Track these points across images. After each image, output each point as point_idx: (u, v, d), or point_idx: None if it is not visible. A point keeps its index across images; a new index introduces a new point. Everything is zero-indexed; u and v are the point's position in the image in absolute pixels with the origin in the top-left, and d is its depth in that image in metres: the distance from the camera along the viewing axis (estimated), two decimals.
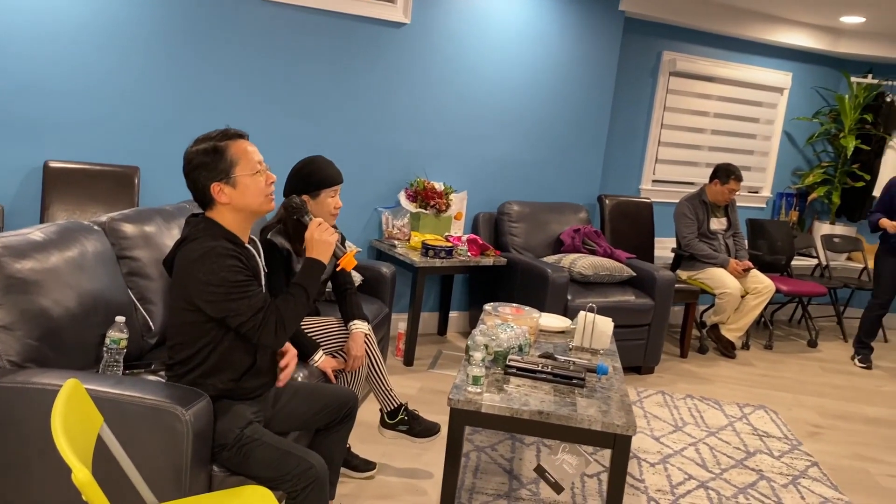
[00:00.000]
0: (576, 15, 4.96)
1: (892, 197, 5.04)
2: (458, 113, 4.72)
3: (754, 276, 5.10)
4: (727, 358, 5.12)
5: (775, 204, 6.41)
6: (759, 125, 6.23)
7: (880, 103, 6.13)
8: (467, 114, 4.75)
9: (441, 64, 4.59)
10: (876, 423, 4.16)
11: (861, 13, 5.22)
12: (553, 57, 4.96)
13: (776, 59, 6.08)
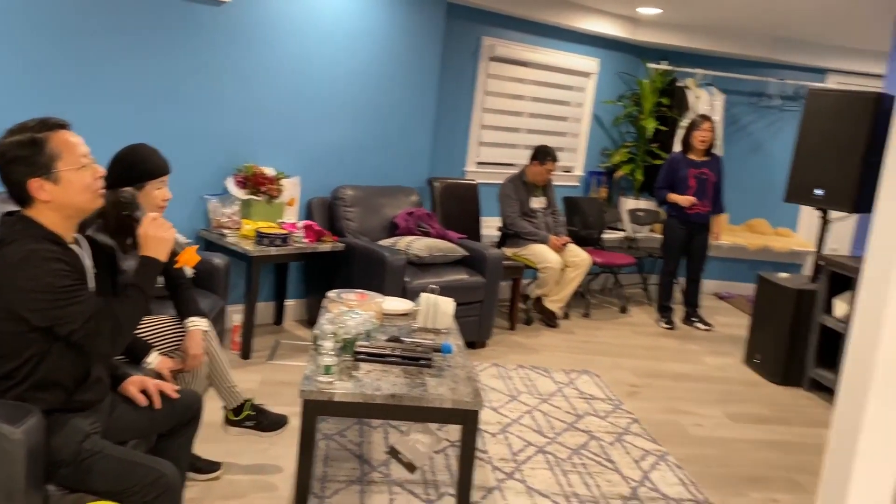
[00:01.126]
0: (399, 1, 5.00)
1: (673, 172, 5.61)
2: (286, 96, 4.60)
3: (572, 250, 5.46)
4: (551, 328, 5.46)
5: (587, 182, 6.88)
6: (571, 108, 6.64)
7: (674, 88, 6.76)
8: (296, 97, 4.64)
9: (266, 45, 4.44)
10: (683, 379, 4.64)
11: (657, 5, 5.71)
12: (379, 42, 4.96)
13: (585, 45, 6.50)
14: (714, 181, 5.60)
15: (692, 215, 5.59)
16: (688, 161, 5.62)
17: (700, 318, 5.90)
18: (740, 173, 7.13)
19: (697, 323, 5.87)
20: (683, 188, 5.58)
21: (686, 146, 5.69)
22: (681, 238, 5.66)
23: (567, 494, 2.95)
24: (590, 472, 3.17)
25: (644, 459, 3.35)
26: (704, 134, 5.55)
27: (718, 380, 4.69)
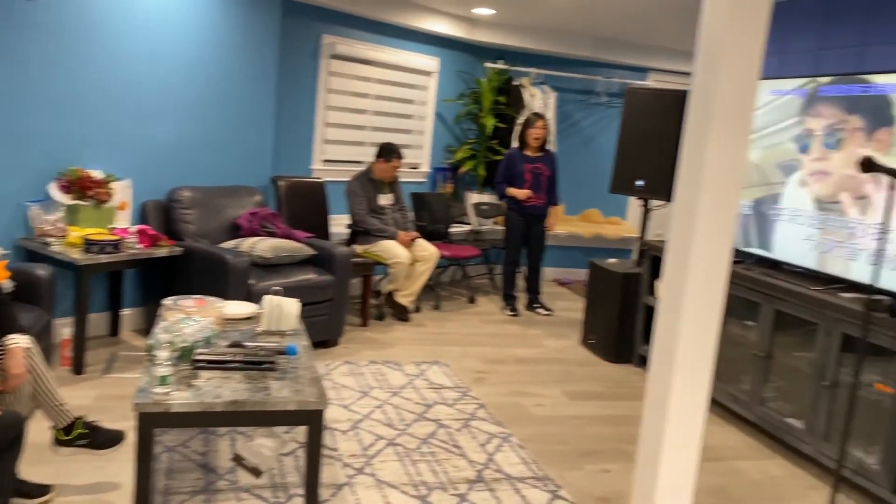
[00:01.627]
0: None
1: (510, 167, 5.90)
2: (111, 94, 4.37)
3: (420, 245, 5.58)
4: (403, 322, 5.56)
5: (433, 178, 7.04)
6: (415, 106, 6.76)
7: (509, 86, 7.05)
8: (122, 95, 4.42)
9: (86, 39, 4.19)
10: (525, 363, 4.88)
11: (490, 6, 5.94)
12: (210, 37, 4.82)
13: (425, 45, 6.63)
14: (548, 175, 5.92)
15: (529, 207, 5.88)
16: (523, 157, 5.90)
17: (542, 304, 6.21)
18: (574, 167, 7.56)
19: (539, 309, 6.18)
20: (520, 182, 5.86)
21: (522, 143, 5.97)
22: (520, 229, 5.94)
23: (416, 483, 3.04)
24: (438, 459, 3.28)
25: (489, 442, 3.51)
26: (537, 131, 5.85)
27: (558, 361, 4.97)
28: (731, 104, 2.14)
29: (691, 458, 2.37)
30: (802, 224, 3.93)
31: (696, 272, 2.24)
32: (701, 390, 2.34)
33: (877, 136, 3.52)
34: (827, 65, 4.19)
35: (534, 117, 5.93)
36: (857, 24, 3.99)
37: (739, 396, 4.04)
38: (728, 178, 2.20)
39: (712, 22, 2.19)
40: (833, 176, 3.76)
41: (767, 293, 3.85)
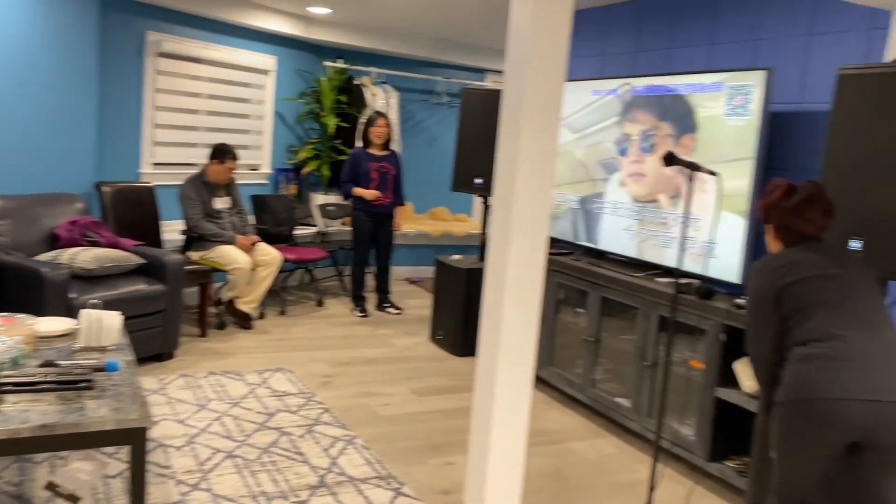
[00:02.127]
0: None
1: (356, 166, 5.88)
2: None
3: (262, 249, 5.43)
4: (245, 330, 5.39)
5: (275, 179, 6.88)
6: (252, 105, 6.57)
7: (351, 86, 7.02)
8: None
9: None
10: (374, 363, 4.87)
11: (326, 5, 5.87)
12: (22, 37, 4.44)
13: (261, 42, 6.46)
14: (394, 174, 5.95)
15: (376, 207, 5.88)
16: (368, 155, 5.90)
17: (391, 303, 6.24)
18: (419, 166, 7.65)
19: (389, 308, 6.20)
20: (366, 181, 5.85)
21: (366, 141, 5.96)
22: (367, 229, 5.93)
23: (255, 494, 2.96)
24: (279, 468, 3.21)
25: (333, 446, 3.48)
26: (380, 130, 5.87)
27: (407, 359, 5.01)
28: (538, 104, 2.24)
29: (519, 442, 2.46)
30: (623, 216, 4.19)
31: (515, 262, 2.33)
32: (525, 376, 2.43)
33: (683, 142, 3.83)
34: (641, 66, 4.49)
35: (376, 115, 5.94)
36: (665, 28, 4.31)
37: (574, 380, 4.25)
38: (540, 173, 2.30)
39: (518, 27, 2.29)
40: (648, 177, 4.04)
41: (594, 282, 4.07)
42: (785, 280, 2.24)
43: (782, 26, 3.61)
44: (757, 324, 2.29)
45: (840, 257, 2.30)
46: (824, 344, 2.12)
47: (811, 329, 2.16)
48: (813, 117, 3.44)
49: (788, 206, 2.34)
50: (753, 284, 2.32)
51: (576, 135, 4.58)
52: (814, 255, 2.28)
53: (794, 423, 2.11)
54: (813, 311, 2.17)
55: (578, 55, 5.01)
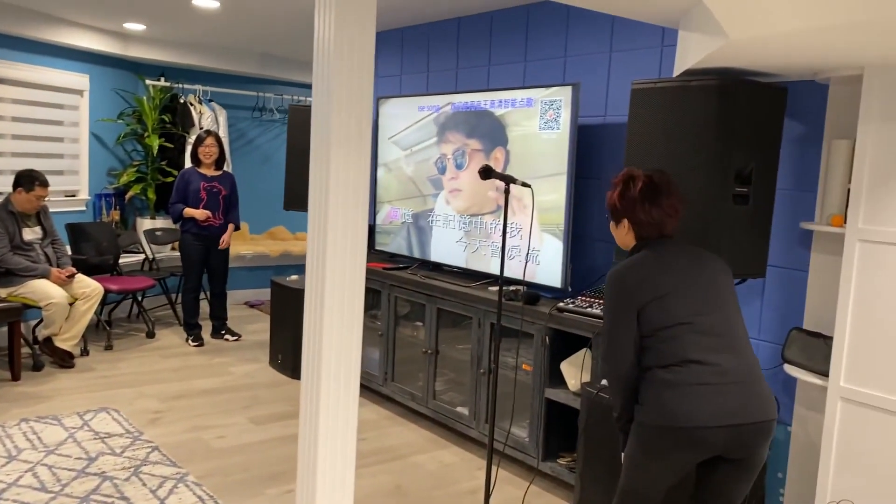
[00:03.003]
0: None
1: (185, 186, 5.62)
2: None
3: (80, 281, 5.06)
4: (66, 369, 4.98)
5: (95, 205, 6.43)
6: (65, 128, 6.11)
7: (175, 104, 6.71)
8: None
9: None
10: (208, 395, 4.66)
11: (140, 21, 5.58)
12: None
13: (72, 61, 6.03)
14: (225, 194, 5.73)
15: (207, 229, 5.64)
16: (199, 175, 5.66)
17: (228, 330, 6.00)
18: (254, 185, 7.44)
19: (226, 335, 5.96)
20: (196, 201, 5.60)
21: (195, 161, 5.71)
22: (198, 253, 5.68)
23: None
24: None
25: (162, 486, 3.27)
26: (208, 149, 5.64)
27: (245, 387, 4.83)
28: (345, 120, 2.24)
29: (348, 463, 2.43)
30: (454, 229, 4.28)
31: (333, 279, 2.31)
32: (350, 393, 2.40)
33: (494, 156, 3.97)
34: (462, 83, 4.62)
35: (204, 134, 5.71)
36: (483, 46, 4.46)
37: (416, 394, 4.28)
38: (353, 189, 2.29)
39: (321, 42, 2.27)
40: (466, 192, 4.16)
41: (430, 294, 4.12)
42: (646, 297, 2.14)
43: (586, 44, 3.84)
44: (614, 340, 2.19)
45: (699, 258, 2.24)
46: (685, 369, 2.08)
47: (673, 352, 2.11)
48: (616, 129, 3.68)
49: (633, 195, 2.26)
50: (612, 299, 2.20)
51: (405, 151, 4.64)
52: (673, 260, 2.20)
53: (656, 445, 2.12)
54: (673, 331, 2.11)
55: (407, 71, 5.09)
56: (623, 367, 2.18)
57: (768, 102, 2.76)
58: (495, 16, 4.37)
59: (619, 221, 2.33)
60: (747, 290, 3.25)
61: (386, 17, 4.84)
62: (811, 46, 2.23)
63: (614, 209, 2.33)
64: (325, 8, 2.24)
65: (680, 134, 2.75)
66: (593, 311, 3.27)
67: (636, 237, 2.30)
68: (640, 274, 2.17)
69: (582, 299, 3.42)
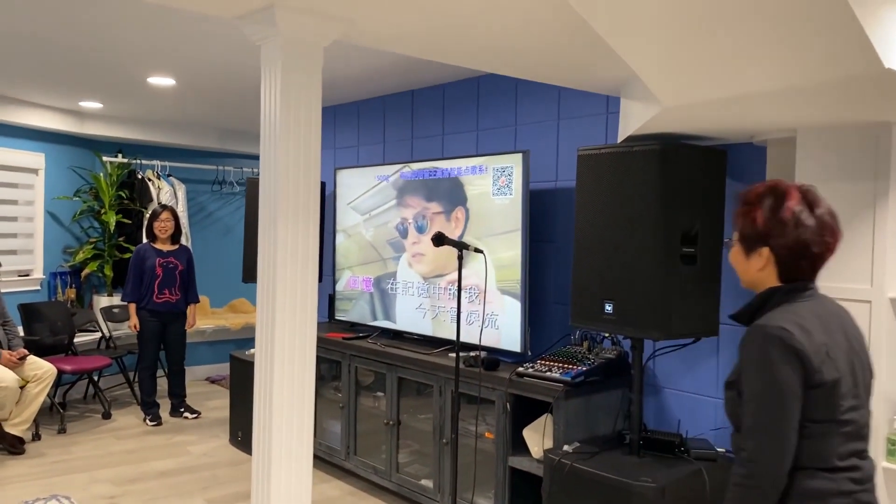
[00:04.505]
0: None
1: (140, 262, 5.54)
2: None
3: (32, 363, 4.92)
4: (16, 455, 4.78)
5: (51, 284, 6.31)
6: (20, 207, 6.04)
7: (133, 180, 6.69)
8: None
9: None
10: (167, 476, 4.50)
11: (96, 99, 5.61)
12: None
13: (27, 140, 6.01)
14: (182, 269, 5.68)
15: (162, 305, 5.56)
16: (155, 251, 5.60)
17: (187, 407, 5.84)
18: (215, 258, 7.39)
19: (185, 413, 5.81)
20: (152, 278, 5.53)
21: (151, 236, 5.67)
22: (154, 330, 5.58)
23: None
24: None
25: None
26: (163, 223, 5.61)
27: (204, 467, 4.68)
28: (293, 195, 2.25)
29: None
30: (413, 295, 4.28)
31: (283, 347, 2.28)
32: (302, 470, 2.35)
33: (455, 216, 4.02)
34: (417, 152, 4.70)
35: (160, 209, 5.69)
36: (435, 117, 4.56)
37: (379, 467, 4.18)
38: (301, 259, 2.29)
39: (267, 122, 2.31)
40: (428, 256, 4.19)
41: (390, 363, 4.08)
42: (822, 376, 1.56)
43: (535, 113, 3.95)
44: (773, 428, 1.56)
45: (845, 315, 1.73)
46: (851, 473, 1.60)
47: (837, 449, 1.58)
48: (568, 193, 3.75)
49: (788, 216, 1.64)
50: (768, 371, 1.57)
51: (364, 216, 4.66)
52: (835, 321, 1.66)
53: None
54: (841, 423, 1.59)
55: (364, 142, 5.16)
56: (781, 467, 1.56)
57: (709, 164, 2.85)
58: (447, 88, 4.48)
59: (755, 250, 1.69)
60: (702, 348, 3.28)
61: (342, 92, 4.93)
62: (741, 112, 2.32)
63: (753, 232, 1.68)
64: (271, 87, 2.28)
65: (626, 197, 2.81)
66: (553, 374, 3.26)
67: (779, 275, 1.68)
68: (815, 340, 1.58)
69: (542, 363, 3.41)
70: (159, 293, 5.55)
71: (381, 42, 2.54)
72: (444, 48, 2.64)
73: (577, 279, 3.01)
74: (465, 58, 2.80)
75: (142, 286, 5.53)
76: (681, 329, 2.79)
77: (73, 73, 4.62)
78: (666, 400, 3.44)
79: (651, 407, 3.48)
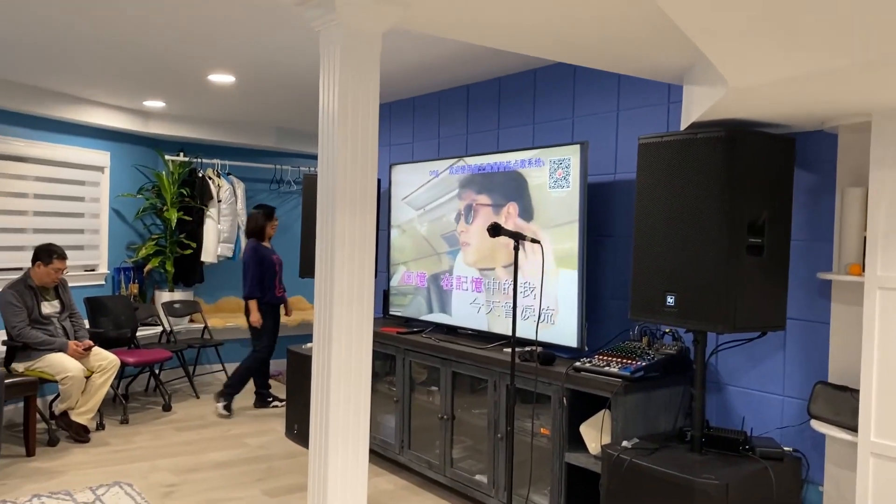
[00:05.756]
0: None
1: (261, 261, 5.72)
2: None
3: (97, 354, 5.06)
4: (81, 443, 4.93)
5: (114, 279, 6.49)
6: (86, 203, 6.23)
7: (194, 178, 6.84)
8: None
9: None
10: (224, 467, 4.57)
11: (160, 98, 5.75)
12: None
13: (93, 139, 6.20)
14: (281, 264, 5.94)
15: (279, 298, 5.87)
16: (267, 249, 5.86)
17: (274, 396, 6.10)
18: None
19: (274, 401, 6.06)
20: (272, 273, 5.80)
21: (261, 235, 5.82)
22: (276, 321, 5.88)
23: None
24: None
25: None
26: (276, 222, 5.93)
27: (260, 459, 4.74)
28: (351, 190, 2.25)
29: None
30: (468, 290, 4.25)
31: (340, 342, 2.27)
32: (359, 463, 2.34)
33: (507, 210, 3.98)
34: (472, 147, 4.67)
35: (272, 209, 5.91)
36: (492, 111, 4.53)
37: (433, 462, 4.16)
38: (359, 254, 2.28)
39: (326, 117, 2.31)
40: (477, 246, 4.15)
41: (445, 357, 4.06)
42: None
43: (593, 104, 3.88)
44: None
45: None
46: None
47: None
48: (627, 185, 3.68)
49: None
50: None
51: (418, 211, 4.66)
52: None
53: None
54: None
55: (419, 139, 5.16)
56: None
57: (777, 152, 2.75)
58: (503, 81, 4.44)
59: None
60: (768, 344, 3.16)
61: (398, 87, 4.94)
62: (813, 92, 2.22)
63: None
64: (330, 72, 2.28)
65: (689, 186, 2.73)
66: (611, 369, 3.19)
67: None
68: None
69: (599, 358, 3.35)
70: (278, 287, 5.83)
71: (439, 28, 2.53)
72: (502, 35, 2.61)
73: (638, 271, 2.93)
74: (525, 45, 2.76)
75: (263, 282, 5.71)
76: (746, 322, 2.69)
77: (139, 72, 4.74)
78: (729, 397, 3.34)
79: (713, 404, 3.38)
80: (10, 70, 4.83)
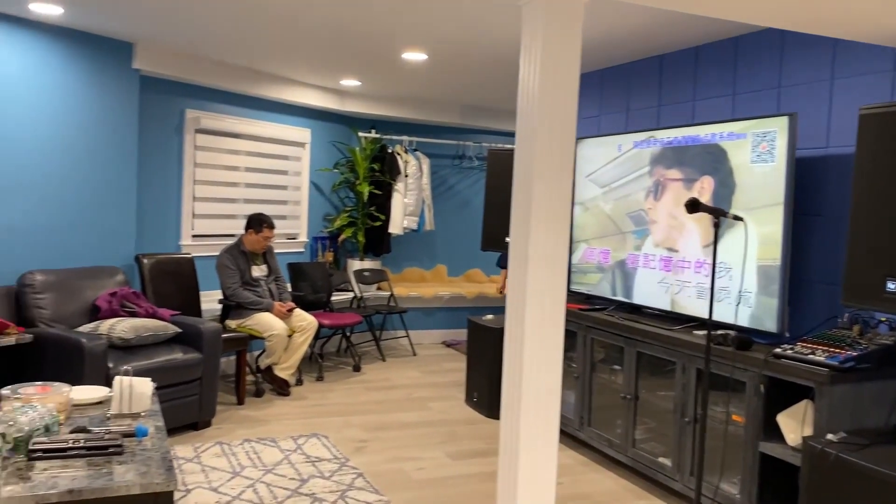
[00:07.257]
0: (88, 72, 4.77)
1: None
2: None
3: (298, 315, 5.49)
4: (283, 396, 5.39)
5: (312, 247, 6.99)
6: (289, 177, 6.74)
7: (384, 154, 7.17)
8: None
9: None
10: (409, 427, 4.81)
11: (356, 77, 6.07)
12: (67, 116, 4.68)
13: (296, 116, 6.68)
14: None
15: None
16: None
17: None
18: (452, 228, 7.71)
19: None
20: None
21: None
22: None
23: None
24: None
25: None
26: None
27: (442, 423, 4.94)
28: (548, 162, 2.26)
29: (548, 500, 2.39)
30: (655, 268, 4.13)
31: (533, 319, 2.31)
32: (549, 434, 2.37)
33: (701, 184, 3.79)
34: (665, 119, 4.50)
35: None
36: (687, 81, 4.33)
37: (614, 440, 4.13)
38: (553, 230, 2.29)
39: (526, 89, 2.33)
40: (665, 223, 4.00)
41: (629, 337, 3.99)
42: None
43: (804, 72, 3.59)
44: None
45: None
46: None
47: None
48: (840, 160, 3.38)
49: None
50: None
51: (603, 189, 4.58)
52: None
53: None
54: None
55: (606, 111, 5.06)
56: None
57: None
58: (701, 50, 4.23)
59: None
60: None
61: (586, 60, 4.87)
62: None
63: None
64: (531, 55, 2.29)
65: None
66: (817, 357, 2.98)
67: None
68: None
69: (802, 345, 3.13)
70: None
71: None
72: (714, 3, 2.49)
73: (853, 254, 2.71)
74: (732, 10, 2.61)
75: None
76: None
77: (338, 52, 5.03)
78: None
79: None
80: (227, 53, 5.31)
